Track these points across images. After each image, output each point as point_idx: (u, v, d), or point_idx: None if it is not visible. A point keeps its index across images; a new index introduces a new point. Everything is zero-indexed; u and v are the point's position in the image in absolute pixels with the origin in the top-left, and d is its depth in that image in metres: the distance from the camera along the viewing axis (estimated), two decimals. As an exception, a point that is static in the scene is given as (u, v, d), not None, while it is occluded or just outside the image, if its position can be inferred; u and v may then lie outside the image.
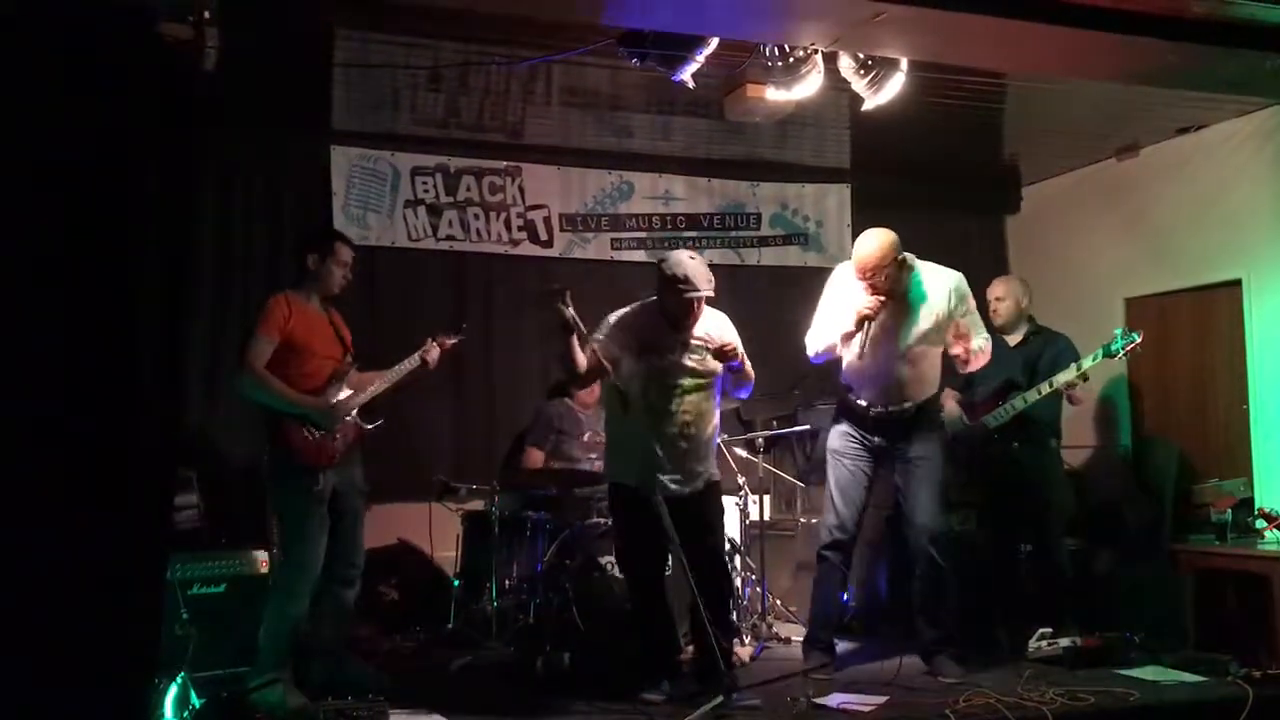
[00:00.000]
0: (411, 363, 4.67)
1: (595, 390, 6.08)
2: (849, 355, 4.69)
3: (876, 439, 4.74)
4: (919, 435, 4.75)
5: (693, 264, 4.34)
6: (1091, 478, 6.60)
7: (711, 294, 4.38)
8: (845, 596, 5.26)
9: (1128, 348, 5.05)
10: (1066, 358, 5.26)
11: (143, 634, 3.00)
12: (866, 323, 4.56)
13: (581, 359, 4.30)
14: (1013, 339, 5.56)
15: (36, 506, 2.76)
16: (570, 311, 4.20)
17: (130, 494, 2.90)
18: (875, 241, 4.58)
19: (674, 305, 4.36)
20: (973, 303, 4.76)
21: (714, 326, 4.49)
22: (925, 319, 4.63)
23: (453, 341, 4.78)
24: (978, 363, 4.68)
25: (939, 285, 4.68)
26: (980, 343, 4.67)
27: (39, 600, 2.75)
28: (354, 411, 4.51)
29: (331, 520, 4.38)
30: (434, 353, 4.70)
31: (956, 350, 4.58)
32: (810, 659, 4.79)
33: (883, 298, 4.54)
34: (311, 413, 4.37)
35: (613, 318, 4.48)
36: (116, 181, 2.90)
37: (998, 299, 5.58)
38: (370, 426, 4.56)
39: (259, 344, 4.32)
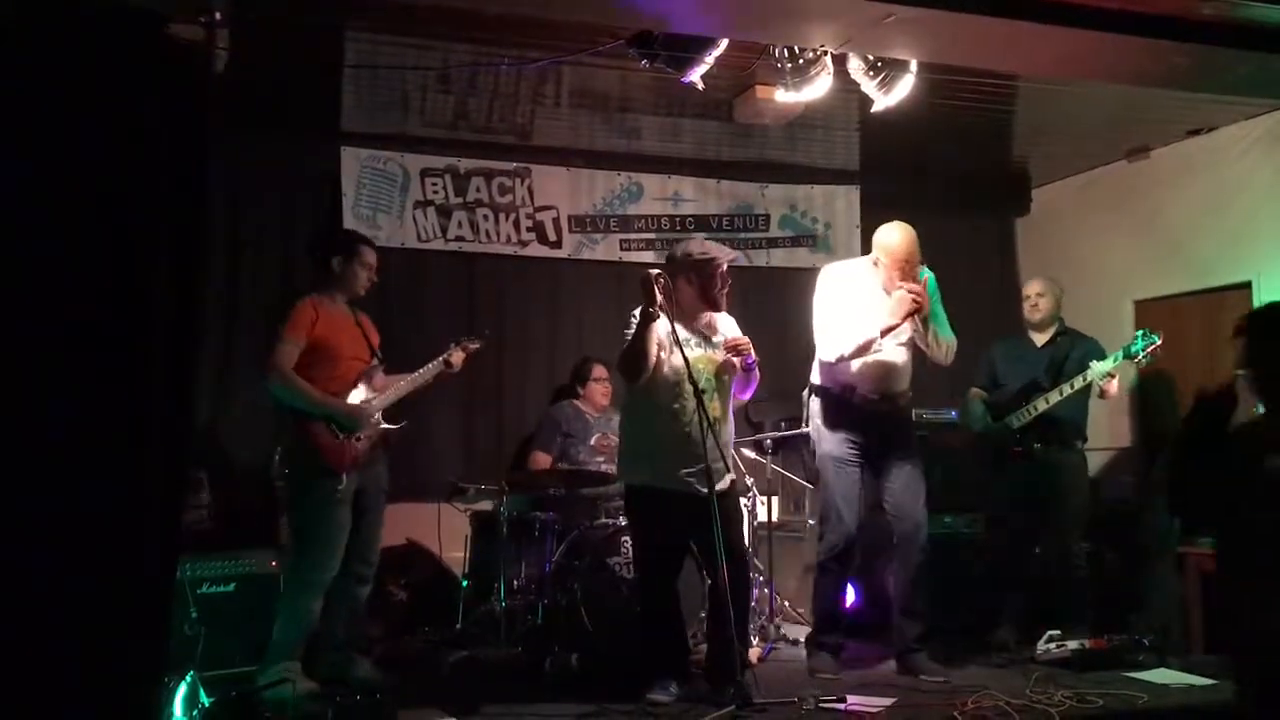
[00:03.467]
0: (436, 366, 4.74)
1: (607, 391, 6.11)
2: (870, 350, 4.69)
3: (873, 441, 4.78)
4: (910, 437, 4.89)
5: (709, 242, 4.55)
6: (1101, 479, 6.60)
7: (736, 256, 4.60)
8: (851, 598, 5.33)
9: (1148, 349, 5.04)
10: (1093, 360, 5.25)
11: (152, 633, 3.01)
12: (915, 314, 4.60)
13: (655, 351, 4.31)
14: (1040, 338, 5.56)
15: (46, 506, 2.78)
16: (662, 299, 4.22)
17: (140, 493, 2.91)
18: (908, 230, 4.73)
19: (710, 281, 4.42)
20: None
21: (728, 327, 4.52)
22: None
23: (475, 346, 4.82)
24: (945, 355, 4.80)
25: (926, 275, 4.83)
26: (947, 334, 4.81)
27: (48, 598, 2.76)
28: (379, 413, 4.56)
29: (353, 518, 4.44)
30: (457, 356, 4.76)
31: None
32: (816, 660, 4.80)
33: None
34: (338, 415, 4.43)
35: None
36: (127, 183, 2.92)
37: (1039, 295, 5.58)
38: (394, 428, 4.62)
39: (285, 347, 4.39)
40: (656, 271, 4.25)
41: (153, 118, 2.96)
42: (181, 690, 3.86)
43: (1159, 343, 5.06)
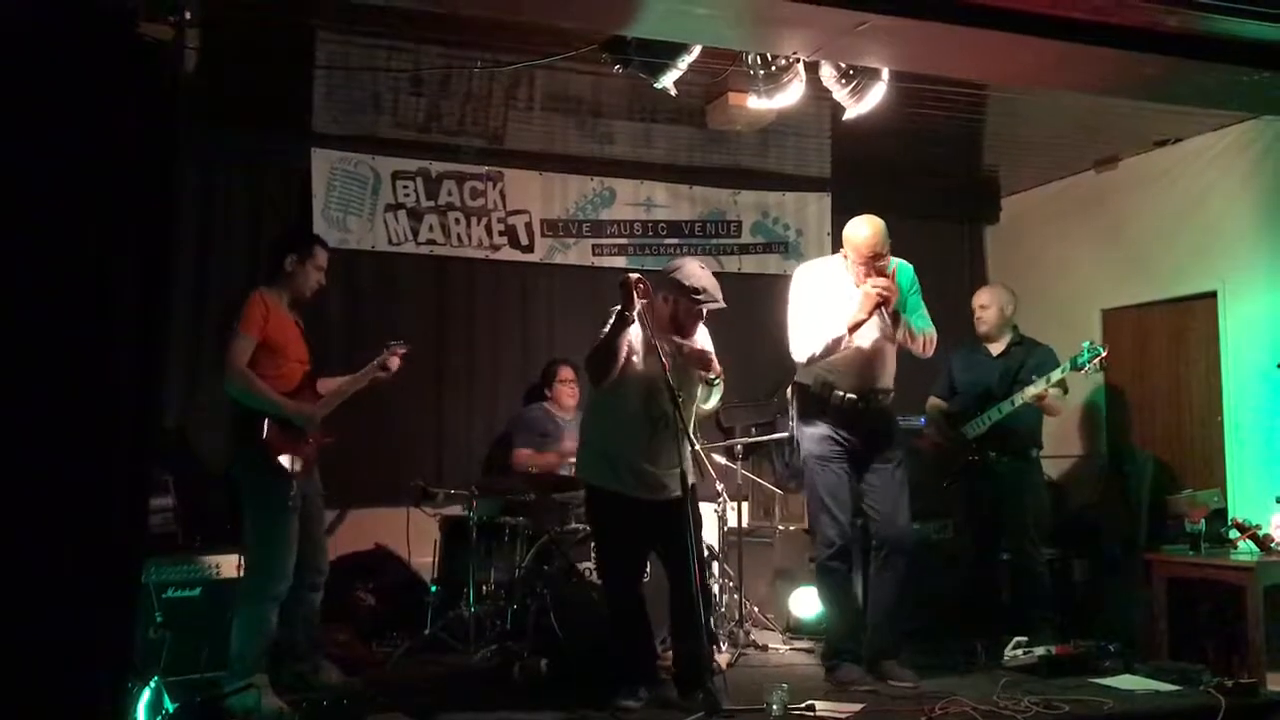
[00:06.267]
0: (370, 370, 4.68)
1: (575, 393, 6.10)
2: (839, 348, 4.63)
3: (856, 439, 4.70)
4: (894, 436, 4.82)
5: (707, 275, 4.40)
6: (1068, 487, 6.65)
7: (723, 307, 4.43)
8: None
9: (1093, 361, 5.10)
10: (1046, 368, 5.29)
11: (116, 638, 2.97)
12: (882, 307, 4.55)
13: (623, 354, 4.28)
14: (995, 348, 5.60)
15: (10, 508, 2.74)
16: (641, 305, 4.18)
17: (105, 496, 2.88)
18: (873, 224, 4.64)
19: (685, 312, 4.38)
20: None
21: (702, 338, 4.52)
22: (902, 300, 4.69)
23: (403, 350, 4.75)
24: (923, 348, 4.71)
25: (904, 268, 4.76)
26: (924, 325, 4.71)
27: (11, 602, 2.72)
28: (321, 418, 4.54)
29: (300, 525, 4.39)
30: (394, 361, 4.70)
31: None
32: (843, 673, 4.66)
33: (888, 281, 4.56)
34: (295, 417, 4.38)
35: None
36: (95, 181, 2.89)
37: (982, 307, 5.62)
38: (329, 440, 4.59)
39: (241, 342, 4.31)
40: (637, 276, 4.23)
41: (121, 116, 2.94)
42: (146, 695, 3.82)
43: (1104, 354, 5.14)
